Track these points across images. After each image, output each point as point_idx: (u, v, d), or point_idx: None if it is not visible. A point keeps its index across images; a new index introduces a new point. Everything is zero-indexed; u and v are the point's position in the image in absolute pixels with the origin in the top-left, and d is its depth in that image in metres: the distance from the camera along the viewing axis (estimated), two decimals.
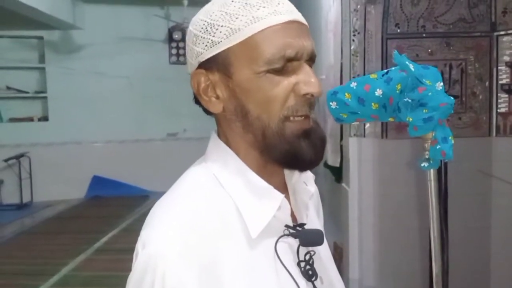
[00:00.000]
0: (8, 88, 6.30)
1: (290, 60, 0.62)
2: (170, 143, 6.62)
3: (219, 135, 0.70)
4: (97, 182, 6.40)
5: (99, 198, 6.18)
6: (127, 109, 6.41)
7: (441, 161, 0.62)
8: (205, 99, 0.67)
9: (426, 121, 0.58)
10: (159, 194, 0.69)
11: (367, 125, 2.68)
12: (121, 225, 4.85)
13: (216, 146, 0.69)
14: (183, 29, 6.56)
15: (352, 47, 2.72)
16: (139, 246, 0.62)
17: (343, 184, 2.94)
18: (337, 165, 3.06)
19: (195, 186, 0.67)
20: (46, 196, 6.05)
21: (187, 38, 0.68)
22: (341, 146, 3.00)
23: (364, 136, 2.69)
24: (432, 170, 0.63)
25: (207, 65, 0.65)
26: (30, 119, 6.37)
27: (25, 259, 3.97)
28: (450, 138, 0.60)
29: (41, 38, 6.31)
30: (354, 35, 2.70)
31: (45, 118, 6.40)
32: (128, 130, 6.43)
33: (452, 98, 0.59)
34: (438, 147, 0.60)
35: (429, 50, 2.54)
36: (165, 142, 6.63)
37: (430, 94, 0.58)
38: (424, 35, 2.55)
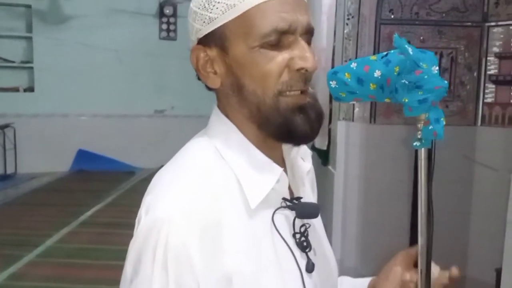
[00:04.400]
0: None
1: (284, 33, 0.63)
2: (157, 119, 6.57)
3: (220, 110, 0.71)
4: (82, 156, 6.34)
5: (84, 172, 6.15)
6: (114, 83, 6.32)
7: (432, 141, 0.65)
8: (204, 74, 0.68)
9: (421, 102, 0.61)
10: (144, 171, 0.70)
11: (356, 109, 2.71)
12: (106, 199, 4.84)
13: (218, 119, 0.70)
14: (174, 4, 6.46)
15: (345, 31, 2.73)
16: (142, 211, 0.63)
17: (330, 167, 2.98)
18: (324, 148, 3.09)
19: (198, 156, 0.68)
20: (30, 168, 5.98)
21: (188, 15, 0.69)
22: (329, 130, 3.03)
23: (353, 120, 2.72)
24: (423, 150, 0.66)
25: (205, 41, 0.67)
26: (16, 89, 6.24)
27: (9, 230, 3.95)
28: (442, 119, 0.63)
29: (29, 6, 6.14)
30: (348, 19, 2.71)
31: (31, 89, 6.28)
32: (115, 105, 6.34)
33: (446, 82, 0.61)
34: (430, 127, 0.63)
35: (421, 38, 2.56)
36: (152, 119, 6.58)
37: (426, 77, 0.60)
38: (417, 22, 2.57)
